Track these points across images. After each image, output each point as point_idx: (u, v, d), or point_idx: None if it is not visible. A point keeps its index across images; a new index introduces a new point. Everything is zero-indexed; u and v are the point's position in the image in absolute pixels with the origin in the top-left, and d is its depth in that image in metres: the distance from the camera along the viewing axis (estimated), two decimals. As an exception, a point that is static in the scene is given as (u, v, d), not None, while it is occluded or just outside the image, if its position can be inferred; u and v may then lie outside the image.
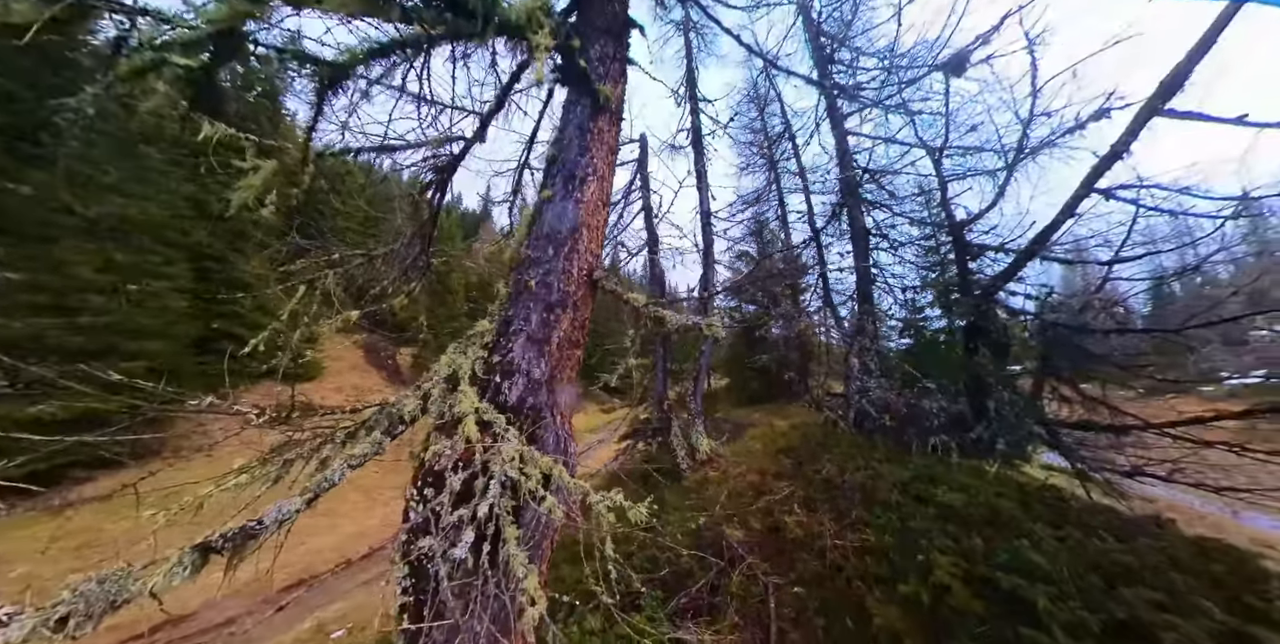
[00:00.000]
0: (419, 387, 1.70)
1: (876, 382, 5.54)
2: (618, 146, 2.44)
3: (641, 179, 8.54)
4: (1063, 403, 4.00)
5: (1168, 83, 2.34)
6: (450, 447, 1.42)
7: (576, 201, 2.01)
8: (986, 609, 1.97)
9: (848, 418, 5.58)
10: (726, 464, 6.03)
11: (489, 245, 4.22)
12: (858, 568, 2.59)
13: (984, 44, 3.35)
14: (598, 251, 2.05)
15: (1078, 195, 2.81)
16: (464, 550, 1.22)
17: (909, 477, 3.55)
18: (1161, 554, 2.17)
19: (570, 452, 1.66)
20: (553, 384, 1.73)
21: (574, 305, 1.85)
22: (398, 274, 3.29)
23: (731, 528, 3.89)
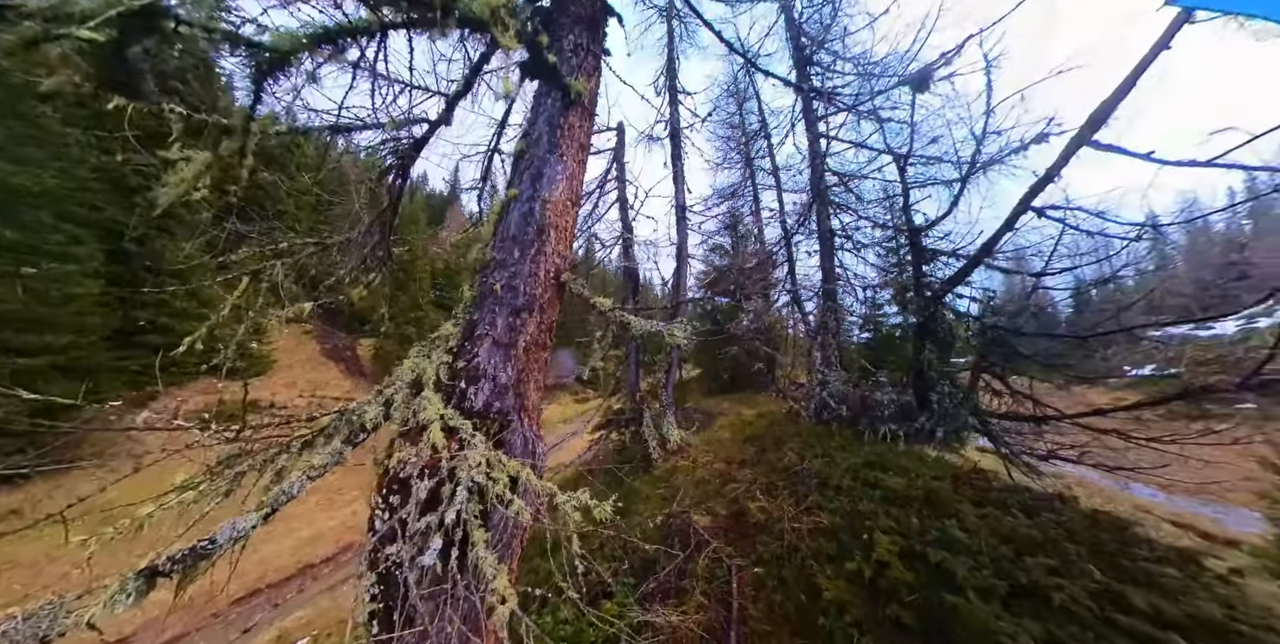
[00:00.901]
0: (380, 392, 1.66)
1: (836, 374, 5.92)
2: (589, 143, 2.38)
3: (617, 169, 8.43)
4: (994, 396, 4.47)
5: (1094, 117, 2.63)
6: (415, 454, 1.40)
7: (544, 202, 1.97)
8: (917, 580, 2.25)
9: (809, 408, 5.94)
10: (696, 453, 6.30)
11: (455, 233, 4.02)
12: (812, 548, 2.86)
13: (946, 63, 3.56)
14: (566, 253, 2.03)
15: (1016, 211, 3.12)
16: (432, 558, 1.24)
17: (860, 463, 3.88)
18: (1059, 527, 2.55)
19: (538, 453, 1.69)
20: (520, 387, 1.72)
21: (540, 308, 1.84)
22: (355, 264, 3.10)
23: (699, 515, 4.12)
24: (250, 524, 1.13)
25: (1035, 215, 3.14)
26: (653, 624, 2.75)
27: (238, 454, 1.39)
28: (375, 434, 1.69)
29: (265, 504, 1.18)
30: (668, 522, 4.10)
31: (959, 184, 4.11)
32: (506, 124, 3.49)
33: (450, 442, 1.46)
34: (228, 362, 2.20)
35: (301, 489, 1.28)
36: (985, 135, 3.57)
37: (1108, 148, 2.63)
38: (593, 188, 8.58)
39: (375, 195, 3.12)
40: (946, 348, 4.64)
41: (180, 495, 1.21)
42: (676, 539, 3.65)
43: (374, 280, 3.22)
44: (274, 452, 1.43)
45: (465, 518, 1.28)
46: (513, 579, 1.56)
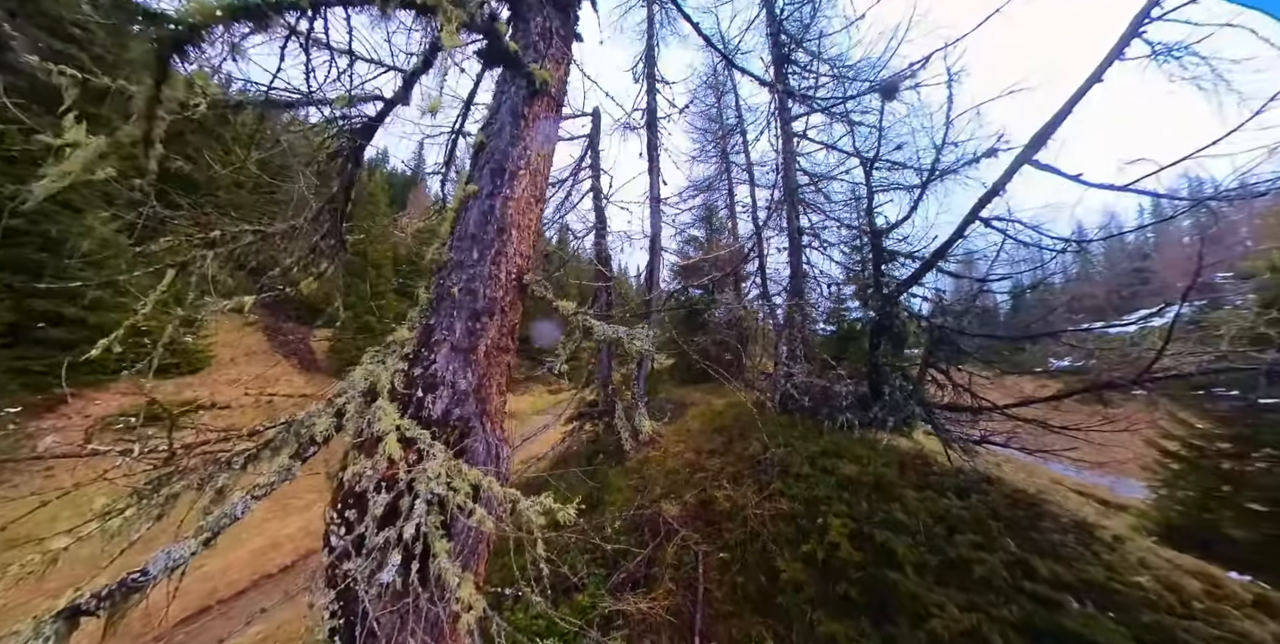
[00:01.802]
0: (331, 402, 1.57)
1: (801, 367, 6.24)
2: (556, 135, 2.28)
3: (592, 157, 8.24)
4: (938, 388, 4.88)
5: (1035, 138, 2.88)
6: (371, 466, 1.35)
7: (505, 199, 1.87)
8: (864, 558, 2.49)
9: (774, 399, 6.25)
10: (667, 444, 6.49)
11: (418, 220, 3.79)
12: (773, 532, 3.07)
13: (913, 75, 3.73)
14: (528, 253, 1.96)
15: (966, 220, 3.38)
16: (391, 574, 1.21)
17: (819, 451, 4.16)
18: (985, 506, 2.88)
19: (503, 458, 1.67)
20: (481, 393, 1.67)
21: (502, 312, 1.78)
22: (303, 254, 2.86)
23: (668, 504, 4.29)
24: (188, 552, 1.04)
25: (982, 224, 3.42)
26: (624, 612, 2.88)
27: (171, 473, 1.27)
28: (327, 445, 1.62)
29: (205, 528, 1.10)
30: (638, 512, 4.24)
31: (919, 190, 4.36)
32: (473, 104, 3.28)
33: (408, 452, 1.40)
34: (155, 360, 2.00)
35: (246, 510, 1.21)
36: (944, 145, 3.79)
37: (1045, 167, 2.91)
38: (566, 175, 8.35)
39: (324, 178, 2.86)
40: (900, 343, 5.00)
41: (104, 523, 1.09)
42: (646, 529, 3.80)
43: (326, 270, 3.00)
44: (212, 469, 1.32)
45: (425, 531, 1.25)
46: (480, 582, 1.56)
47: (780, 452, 4.32)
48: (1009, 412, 3.92)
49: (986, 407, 4.15)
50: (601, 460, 7.39)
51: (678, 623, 2.76)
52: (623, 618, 2.87)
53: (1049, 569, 2.27)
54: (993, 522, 2.70)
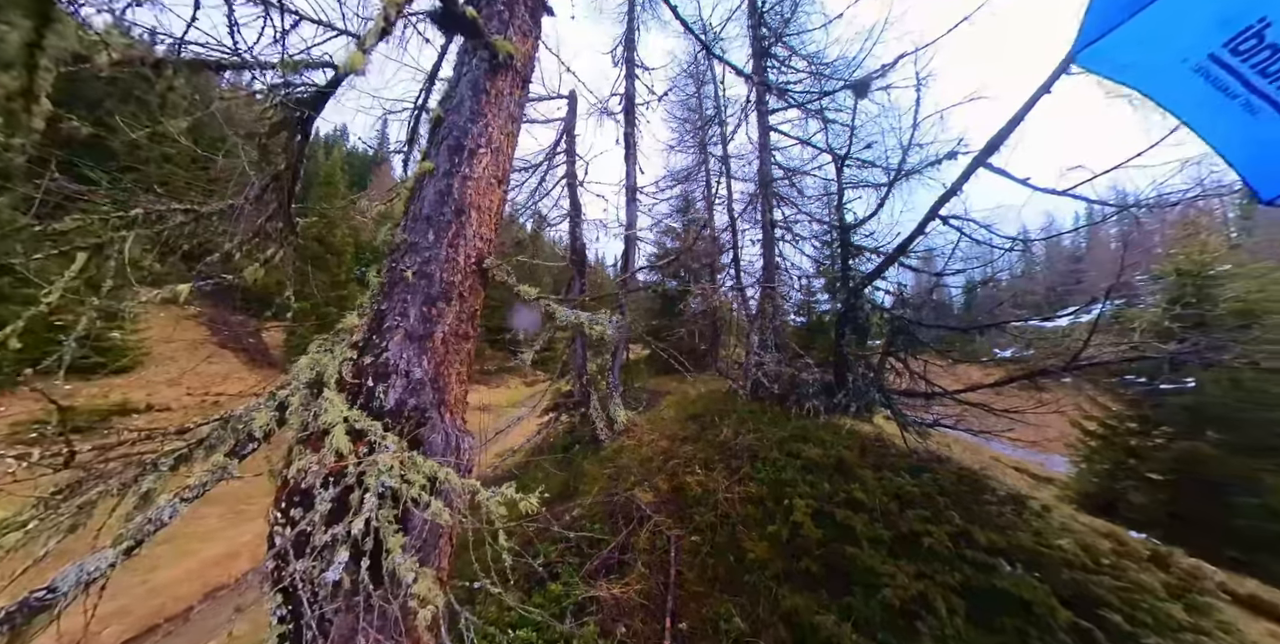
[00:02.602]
0: (273, 395, 1.47)
1: (771, 356, 6.46)
2: (522, 114, 2.16)
3: (567, 142, 7.99)
4: (897, 375, 5.20)
5: (990, 143, 3.06)
6: (317, 461, 1.28)
7: (464, 178, 1.77)
8: (825, 536, 2.65)
9: (746, 387, 6.45)
10: (641, 432, 6.57)
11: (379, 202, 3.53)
12: (741, 515, 3.20)
13: (883, 76, 3.84)
14: (490, 236, 1.86)
15: (926, 218, 3.57)
16: (337, 572, 1.16)
17: (786, 436, 4.35)
18: (934, 484, 3.13)
19: (464, 448, 1.61)
20: (439, 382, 1.60)
21: (460, 297, 1.70)
22: (246, 237, 2.59)
23: (643, 491, 4.37)
24: (106, 563, 0.93)
25: (941, 223, 3.61)
26: (597, 598, 2.93)
27: (84, 479, 1.14)
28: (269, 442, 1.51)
29: (126, 536, 0.99)
30: (612, 500, 4.30)
31: (886, 188, 4.54)
32: (437, 78, 3.07)
33: (358, 445, 1.33)
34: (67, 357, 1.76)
35: (175, 514, 1.11)
36: (910, 146, 3.95)
37: (997, 170, 3.11)
38: (540, 160, 8.07)
39: (268, 152, 2.57)
40: (864, 334, 5.26)
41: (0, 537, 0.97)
42: (620, 516, 3.86)
43: (274, 256, 2.73)
44: (136, 472, 1.20)
45: (377, 526, 1.20)
46: (444, 577, 1.52)
47: (750, 437, 4.48)
48: (958, 397, 4.24)
49: (938, 392, 4.47)
50: (577, 450, 7.41)
51: (650, 605, 2.84)
52: (596, 604, 2.92)
53: (986, 538, 2.52)
54: (940, 497, 2.94)
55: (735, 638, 2.42)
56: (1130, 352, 4.08)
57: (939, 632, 1.99)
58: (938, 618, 2.03)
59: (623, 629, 2.70)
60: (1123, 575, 2.37)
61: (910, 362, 5.00)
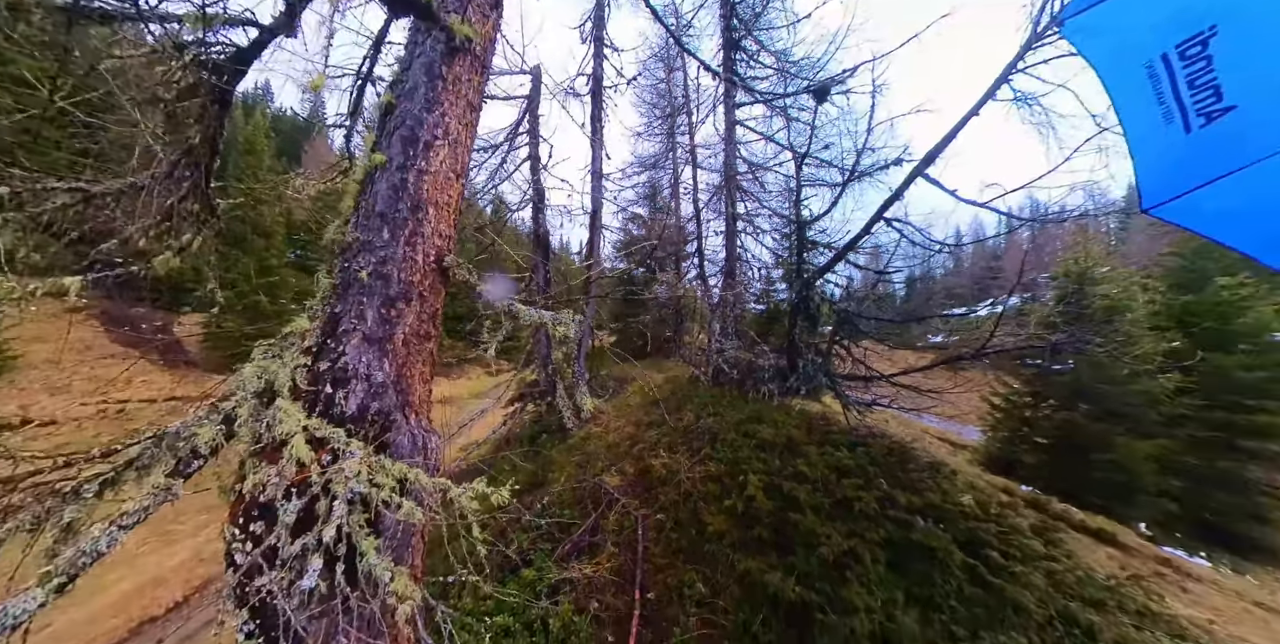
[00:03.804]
0: (216, 407, 1.40)
1: (732, 343, 6.83)
2: (481, 103, 2.04)
3: (530, 121, 7.67)
4: (841, 361, 5.73)
5: (927, 155, 3.43)
6: (277, 473, 1.26)
7: (420, 173, 1.69)
8: (774, 506, 2.98)
9: (707, 373, 6.80)
10: (608, 419, 6.75)
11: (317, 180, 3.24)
12: (702, 492, 3.48)
13: (841, 82, 4.07)
14: (449, 233, 1.81)
15: (873, 220, 3.94)
16: (313, 579, 1.16)
17: (743, 418, 4.71)
18: (867, 456, 3.59)
19: (431, 449, 1.63)
20: (401, 384, 1.59)
21: (421, 297, 1.67)
22: (154, 221, 2.24)
23: (610, 476, 4.57)
24: (34, 604, 0.87)
25: (885, 224, 4.00)
26: (570, 579, 3.10)
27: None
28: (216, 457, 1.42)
29: (57, 572, 0.92)
30: (581, 486, 4.46)
31: (840, 188, 4.88)
32: (384, 43, 2.82)
33: (320, 454, 1.32)
34: None
35: (113, 544, 1.05)
36: (864, 150, 4.27)
37: (932, 181, 3.51)
38: (502, 140, 7.69)
39: (177, 122, 2.19)
40: (814, 323, 5.72)
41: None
42: (589, 501, 4.03)
43: (191, 242, 2.39)
44: (52, 503, 1.10)
45: (348, 531, 1.21)
46: (418, 574, 1.56)
47: (710, 420, 4.79)
48: (892, 379, 4.81)
49: (876, 375, 5.02)
50: (544, 440, 7.45)
51: (621, 581, 3.06)
52: (570, 585, 3.08)
53: (907, 499, 2.97)
54: (871, 467, 3.39)
55: (698, 601, 2.70)
56: (1027, 339, 4.84)
57: (864, 578, 2.38)
58: (864, 567, 2.42)
59: (596, 604, 2.90)
60: (1004, 521, 2.93)
61: (853, 348, 5.54)
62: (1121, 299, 9.92)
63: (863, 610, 2.16)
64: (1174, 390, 9.55)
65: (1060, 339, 4.39)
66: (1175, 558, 7.43)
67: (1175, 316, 10.63)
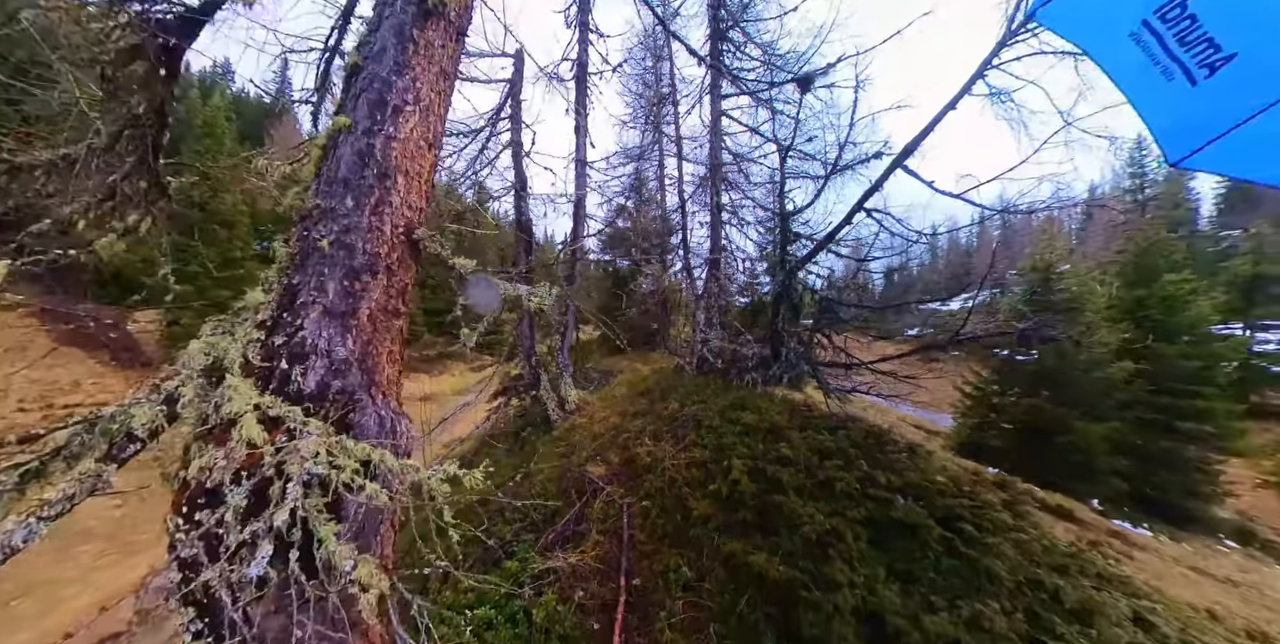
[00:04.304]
0: (158, 387, 1.28)
1: (716, 333, 6.87)
2: (456, 71, 1.96)
3: (513, 106, 7.42)
4: (823, 349, 5.84)
5: (906, 147, 3.50)
6: (225, 456, 1.17)
7: (388, 138, 1.59)
8: (758, 489, 3.01)
9: (692, 363, 6.82)
10: (593, 410, 6.70)
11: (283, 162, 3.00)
12: (686, 478, 3.48)
13: (825, 74, 4.08)
14: (420, 205, 1.71)
15: (853, 210, 3.99)
16: (260, 567, 1.07)
17: (727, 405, 4.74)
18: (847, 439, 3.67)
19: (401, 431, 1.53)
20: (367, 362, 1.50)
21: (388, 270, 1.57)
22: (93, 201, 1.99)
23: (595, 465, 4.52)
24: None
25: (865, 215, 4.06)
26: (554, 569, 3.05)
27: None
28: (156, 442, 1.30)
29: None
30: (565, 476, 4.40)
31: (823, 181, 4.93)
32: (353, 15, 2.63)
33: (274, 434, 1.23)
34: None
35: (31, 537, 0.95)
36: (846, 144, 4.31)
37: (910, 172, 3.58)
38: (483, 124, 7.42)
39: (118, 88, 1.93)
40: (797, 313, 5.79)
41: None
42: (574, 490, 3.98)
43: (138, 225, 2.16)
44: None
45: (304, 515, 1.12)
46: (389, 564, 1.48)
47: (695, 408, 4.80)
48: (871, 367, 4.94)
49: (856, 363, 5.14)
50: (529, 433, 7.34)
51: (606, 568, 3.03)
52: (554, 574, 3.04)
53: (886, 479, 3.05)
54: (852, 449, 3.47)
55: (684, 585, 2.70)
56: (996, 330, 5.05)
57: (846, 555, 2.43)
58: (846, 545, 2.47)
59: (581, 593, 2.87)
60: (977, 497, 3.06)
61: (834, 337, 5.65)
62: (1081, 293, 10.65)
63: (846, 586, 2.20)
64: (1126, 378, 10.25)
65: (1027, 327, 4.60)
66: (1123, 530, 8.11)
67: (1128, 309, 11.42)
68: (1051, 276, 10.48)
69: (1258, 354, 17.90)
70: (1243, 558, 8.54)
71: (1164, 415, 10.24)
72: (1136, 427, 10.19)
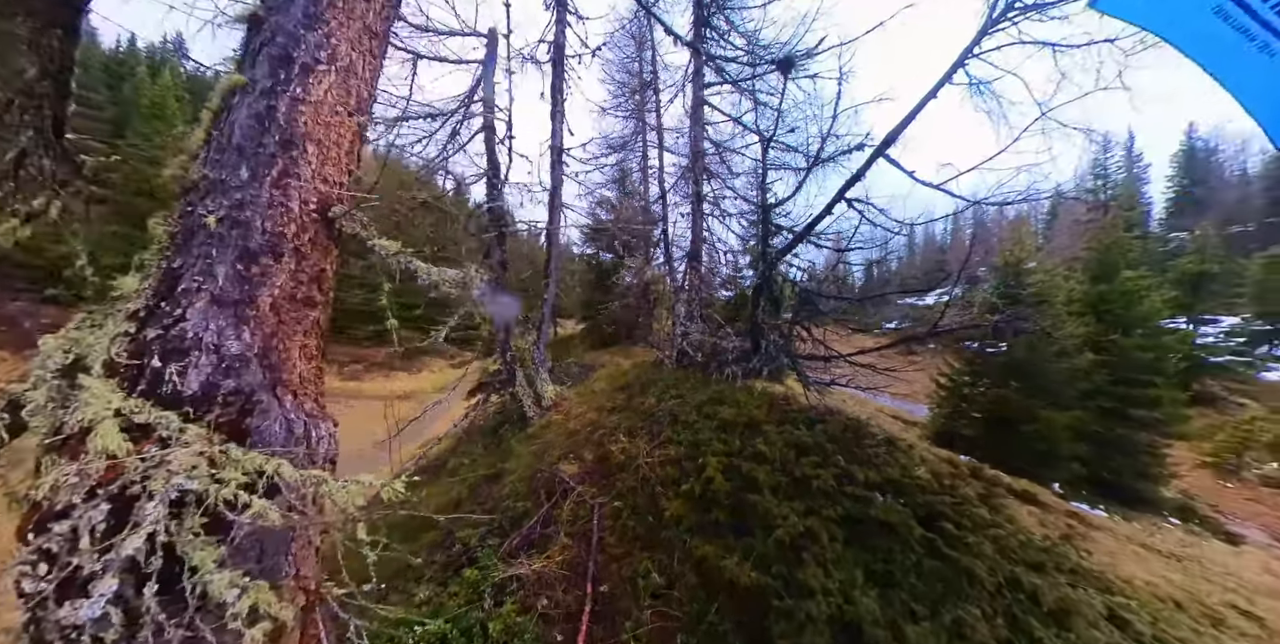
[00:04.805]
0: (3, 391, 1.13)
1: (696, 326, 6.72)
2: (387, 31, 1.73)
3: (485, 89, 7.02)
4: (802, 341, 5.76)
5: (888, 137, 3.40)
6: (77, 472, 0.99)
7: (294, 101, 1.36)
8: (732, 487, 2.87)
9: (671, 356, 6.66)
10: (570, 406, 6.47)
11: None
12: (660, 477, 3.32)
13: (809, 56, 3.93)
14: (339, 179, 1.50)
15: (835, 200, 3.87)
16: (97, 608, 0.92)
17: (705, 399, 4.59)
18: (825, 433, 3.56)
19: (319, 436, 1.35)
20: (270, 357, 1.29)
21: (296, 253, 1.35)
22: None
23: (568, 464, 4.31)
24: None
25: (846, 205, 3.94)
26: (518, 576, 2.84)
27: None
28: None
29: None
30: (536, 475, 4.18)
31: (805, 172, 4.80)
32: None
33: (143, 444, 1.03)
34: None
35: None
36: (829, 136, 4.18)
37: (892, 161, 3.49)
38: (456, 105, 7.00)
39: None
40: (778, 305, 5.68)
41: None
42: (543, 491, 3.77)
43: (45, 208, 1.84)
44: None
45: (167, 541, 0.94)
46: (309, 585, 1.31)
47: (672, 403, 4.64)
48: (850, 359, 4.88)
49: (835, 355, 5.09)
50: (506, 430, 7.08)
51: (573, 575, 2.85)
52: (517, 582, 2.84)
53: (864, 475, 2.95)
54: (829, 444, 3.37)
55: (653, 592, 2.54)
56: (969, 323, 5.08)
57: (822, 558, 2.30)
58: (821, 547, 2.34)
59: (545, 601, 2.68)
60: (956, 492, 3.00)
61: (814, 330, 5.58)
62: (1048, 287, 11.15)
63: (820, 593, 2.08)
64: (1088, 368, 10.76)
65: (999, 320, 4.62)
66: (1081, 511, 8.59)
67: (1091, 303, 11.96)
68: (1021, 272, 10.93)
69: (1200, 346, 19.62)
70: (1184, 533, 9.30)
71: (1121, 404, 10.87)
72: (1096, 415, 10.77)
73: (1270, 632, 5.02)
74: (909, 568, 2.24)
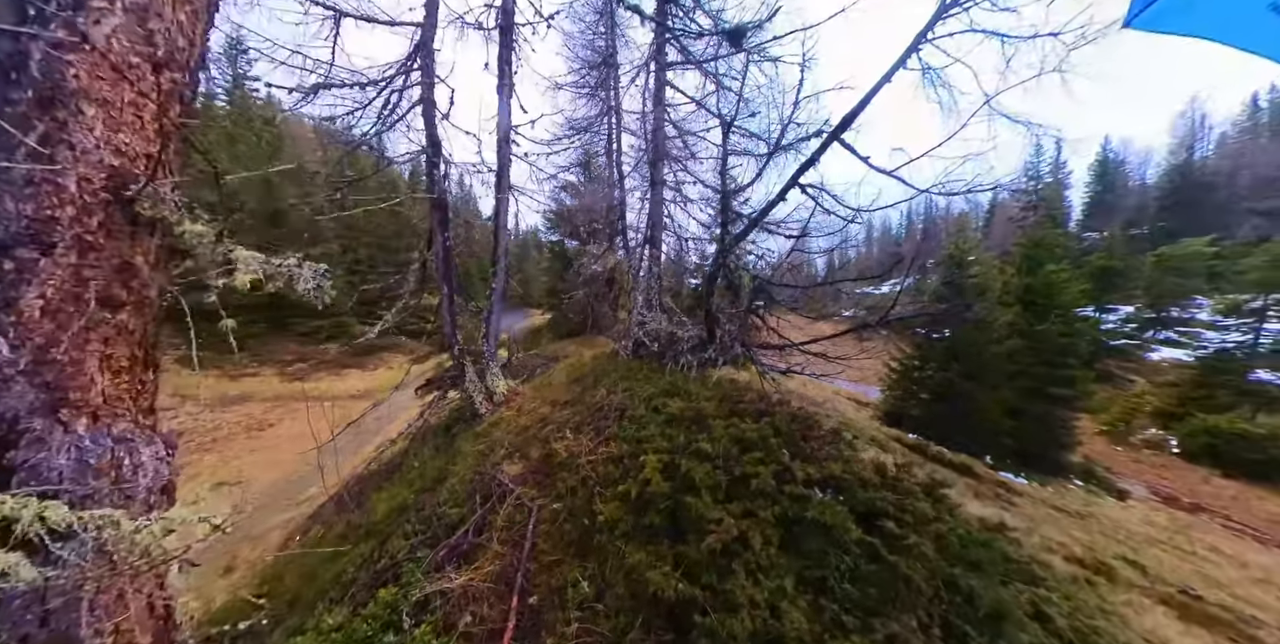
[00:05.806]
0: None
1: (654, 315, 6.52)
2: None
3: (424, 57, 6.31)
4: (757, 330, 5.71)
5: (843, 120, 3.27)
6: None
7: (59, 47, 1.08)
8: (670, 488, 2.72)
9: (628, 347, 6.45)
10: (522, 401, 6.15)
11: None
12: (600, 476, 3.13)
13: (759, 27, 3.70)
14: (140, 149, 1.20)
15: (788, 185, 3.72)
16: None
17: (655, 392, 4.42)
18: (770, 427, 3.47)
19: (134, 464, 1.13)
20: (44, 374, 1.03)
21: (80, 242, 1.09)
22: None
23: (511, 464, 4.04)
24: None
25: (800, 191, 3.81)
26: (443, 591, 2.60)
27: None
28: None
29: None
30: (475, 478, 3.89)
31: (765, 159, 4.61)
32: None
33: None
34: None
35: None
36: (789, 123, 4.00)
37: (846, 146, 3.37)
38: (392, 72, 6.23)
39: None
40: (737, 293, 5.57)
41: None
42: (479, 494, 3.50)
43: None
44: None
45: None
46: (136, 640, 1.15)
47: (621, 396, 4.44)
48: (803, 347, 4.87)
49: (789, 344, 5.06)
50: (459, 429, 6.68)
51: (501, 587, 2.63)
52: (441, 597, 2.59)
53: (804, 472, 2.88)
54: (774, 438, 3.28)
55: (580, 603, 2.36)
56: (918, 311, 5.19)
57: (752, 566, 2.20)
58: (753, 553, 2.24)
59: (469, 618, 2.45)
60: (900, 486, 3.00)
61: (769, 319, 5.53)
62: (986, 280, 12.09)
63: (746, 606, 1.96)
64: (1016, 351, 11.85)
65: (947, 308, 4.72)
66: (1007, 480, 9.47)
67: (1019, 294, 13.06)
68: (964, 263, 11.73)
69: (1103, 331, 22.95)
70: (1085, 493, 10.54)
71: (1042, 384, 12.12)
72: (1022, 393, 11.94)
73: (1151, 577, 5.79)
74: (844, 573, 2.17)
